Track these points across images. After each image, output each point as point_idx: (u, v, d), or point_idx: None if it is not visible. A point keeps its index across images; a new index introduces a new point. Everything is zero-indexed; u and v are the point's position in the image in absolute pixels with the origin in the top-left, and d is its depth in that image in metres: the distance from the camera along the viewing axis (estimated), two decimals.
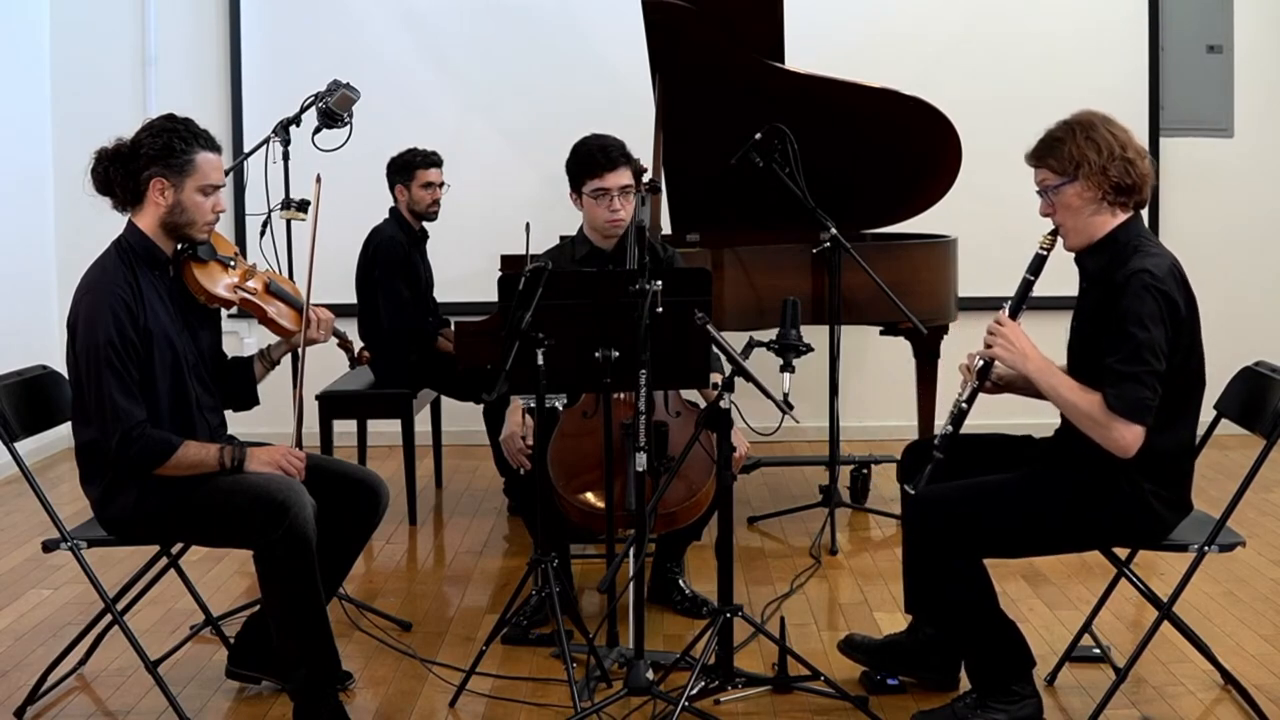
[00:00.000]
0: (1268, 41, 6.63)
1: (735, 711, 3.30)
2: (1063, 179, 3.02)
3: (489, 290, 3.84)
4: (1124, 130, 3.03)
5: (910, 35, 6.50)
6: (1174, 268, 2.99)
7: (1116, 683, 3.18)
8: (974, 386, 3.18)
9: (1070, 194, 3.03)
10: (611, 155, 3.93)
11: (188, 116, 3.19)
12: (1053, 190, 3.05)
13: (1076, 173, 3.00)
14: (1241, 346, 4.24)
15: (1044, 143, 3.06)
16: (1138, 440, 2.90)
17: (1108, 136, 2.99)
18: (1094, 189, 3.00)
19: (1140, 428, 2.89)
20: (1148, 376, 2.88)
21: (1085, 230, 3.06)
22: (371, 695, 3.44)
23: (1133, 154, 3.00)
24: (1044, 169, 3.06)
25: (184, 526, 3.18)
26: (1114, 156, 2.97)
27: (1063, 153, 3.01)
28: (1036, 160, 3.08)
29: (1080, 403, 2.95)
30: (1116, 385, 2.89)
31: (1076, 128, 3.02)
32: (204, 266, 3.27)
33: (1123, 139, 3.01)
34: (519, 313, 3.18)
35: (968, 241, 5.31)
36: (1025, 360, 3.04)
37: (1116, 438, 2.90)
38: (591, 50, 6.50)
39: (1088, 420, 2.94)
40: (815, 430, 5.94)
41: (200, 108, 4.82)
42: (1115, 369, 2.90)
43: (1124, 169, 2.98)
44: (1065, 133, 3.03)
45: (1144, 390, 2.87)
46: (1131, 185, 2.99)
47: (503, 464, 4.75)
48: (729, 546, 3.29)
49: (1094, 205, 3.02)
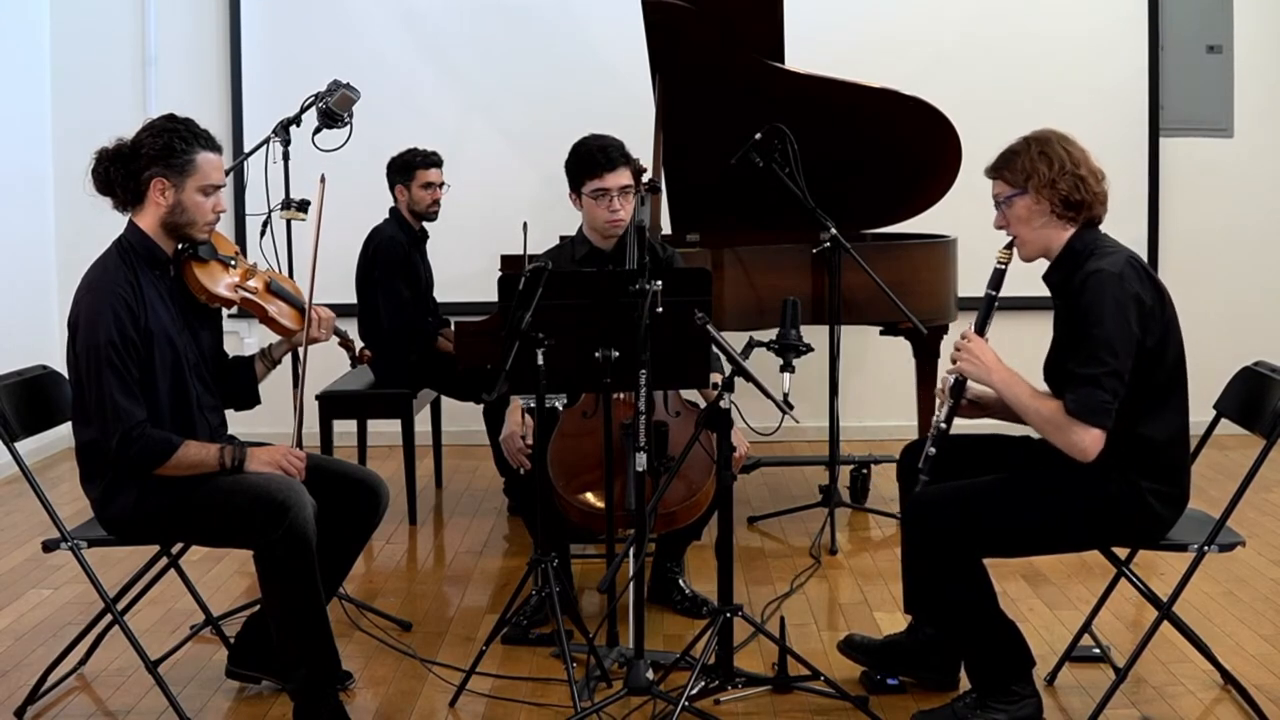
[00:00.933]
0: (1268, 41, 6.63)
1: (735, 711, 3.30)
2: (1014, 190, 3.10)
3: (489, 290, 3.85)
4: (1082, 150, 3.09)
5: (910, 35, 6.50)
6: (1131, 261, 3.01)
7: (1116, 683, 3.18)
8: (949, 405, 3.22)
9: (1020, 206, 3.09)
10: (611, 155, 3.93)
11: (188, 117, 3.19)
12: (1005, 201, 3.12)
13: (1027, 185, 3.06)
14: (1241, 346, 4.26)
15: (1001, 156, 3.15)
16: (1097, 444, 2.92)
17: (1061, 152, 3.06)
18: (1043, 201, 3.06)
19: (1099, 431, 2.91)
20: (1106, 379, 2.90)
21: (1037, 242, 3.11)
22: (371, 695, 3.44)
23: (1085, 172, 3.05)
24: (999, 180, 3.14)
25: (184, 526, 3.18)
26: (1064, 171, 3.03)
27: (1016, 165, 3.09)
28: (994, 172, 3.16)
29: (1041, 409, 2.98)
30: (1075, 389, 2.93)
31: (1032, 142, 3.10)
32: (205, 266, 3.27)
33: (1077, 157, 3.07)
34: (519, 313, 3.18)
35: (968, 241, 5.31)
36: (989, 373, 3.08)
37: (1075, 440, 2.92)
38: (591, 51, 6.50)
39: (1048, 425, 2.97)
40: (815, 430, 5.94)
41: (200, 108, 4.81)
42: (1073, 373, 2.95)
43: (1074, 184, 3.03)
44: (1021, 146, 3.11)
45: (1102, 394, 2.90)
46: (1080, 201, 3.04)
47: (503, 464, 4.75)
48: (729, 546, 3.30)
49: (1043, 218, 3.07)
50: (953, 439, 3.26)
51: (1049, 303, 3.16)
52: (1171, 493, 3.05)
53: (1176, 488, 3.06)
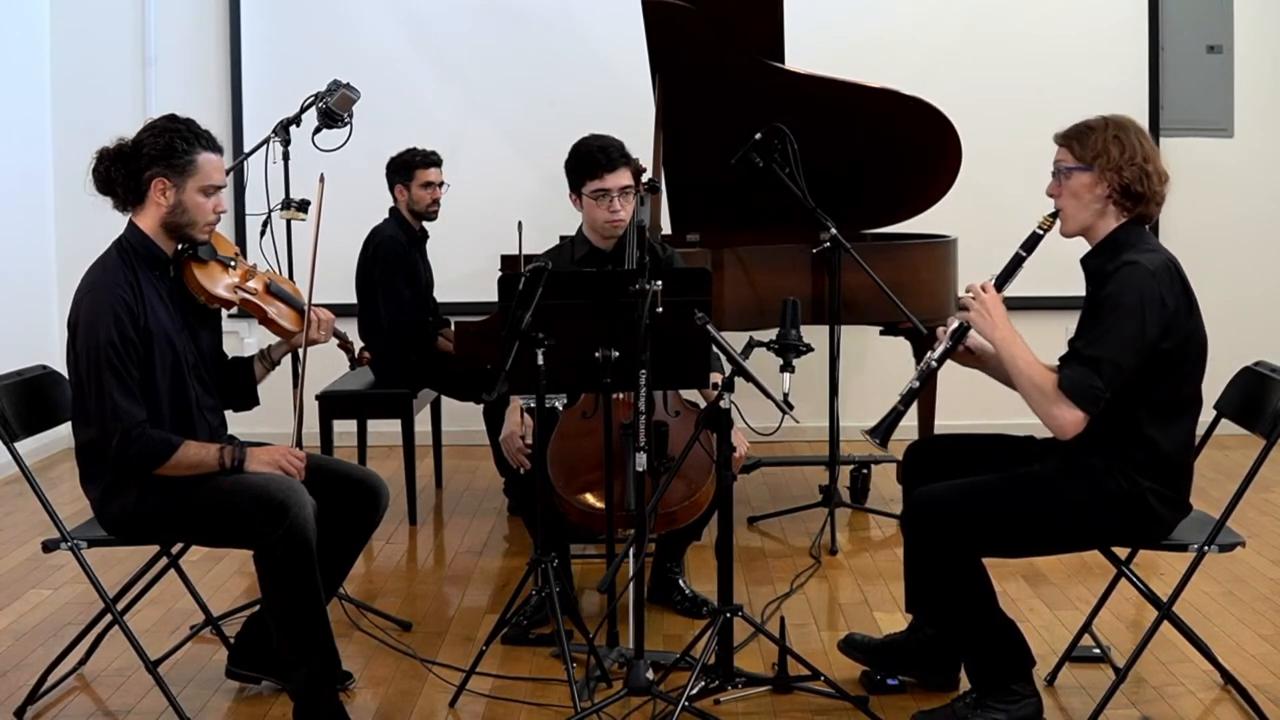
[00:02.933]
0: (1268, 41, 6.63)
1: (735, 711, 3.30)
2: (1078, 165, 3.06)
3: (489, 290, 3.84)
4: (1154, 148, 3.07)
5: (910, 35, 6.51)
6: (1170, 264, 3.00)
7: (1116, 683, 3.18)
8: (946, 346, 3.20)
9: (1080, 181, 3.06)
10: (611, 156, 3.93)
11: (189, 117, 3.19)
12: (1065, 172, 3.09)
13: (1094, 163, 3.03)
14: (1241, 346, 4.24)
15: (1075, 127, 3.11)
16: (1076, 426, 2.91)
17: (1135, 142, 3.03)
18: (1104, 184, 3.03)
19: (1082, 414, 2.90)
20: (1106, 365, 2.89)
21: (1083, 221, 3.08)
22: (371, 695, 3.44)
23: (1153, 169, 3.03)
24: (1066, 149, 3.10)
25: (184, 526, 3.18)
26: (1133, 161, 3.01)
27: (1088, 140, 3.05)
28: (1063, 139, 3.12)
29: (1034, 375, 2.97)
30: (1072, 367, 2.92)
31: (1110, 124, 3.06)
32: (204, 267, 3.27)
33: (1149, 152, 3.04)
34: (519, 313, 3.18)
35: (968, 241, 5.31)
36: (994, 328, 3.06)
37: (1057, 414, 2.91)
38: (591, 51, 6.50)
39: (1036, 392, 2.95)
40: (815, 430, 5.94)
41: (200, 108, 4.81)
42: (1077, 350, 2.94)
43: (1139, 175, 3.01)
44: (1098, 124, 3.07)
45: (1097, 379, 2.89)
46: (1140, 194, 3.02)
47: (503, 464, 4.74)
48: (729, 546, 3.29)
49: (1098, 202, 3.05)
50: (951, 439, 3.26)
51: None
52: (1173, 496, 3.05)
53: (1178, 492, 3.06)
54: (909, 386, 3.21)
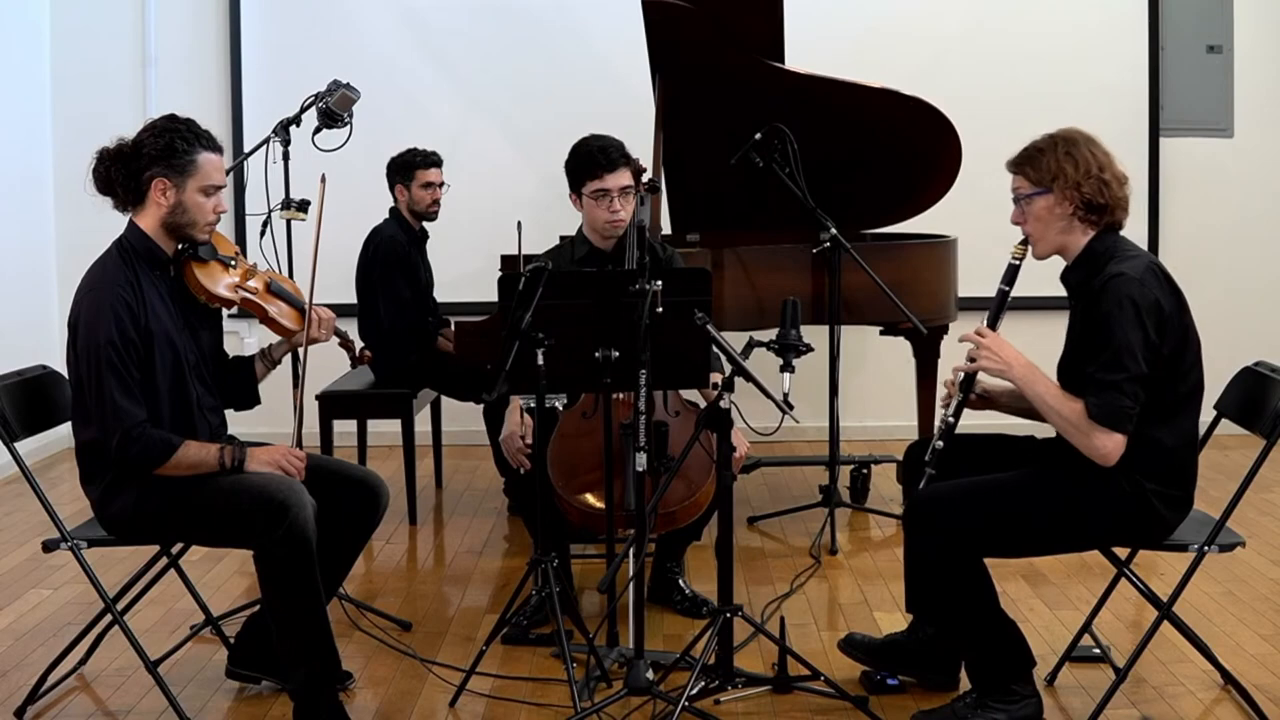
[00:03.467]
0: (1268, 41, 6.63)
1: (735, 711, 3.30)
2: (1036, 189, 3.07)
3: (489, 290, 3.84)
4: (1106, 154, 3.07)
5: (910, 35, 6.51)
6: (1152, 266, 3.00)
7: (1116, 683, 3.18)
8: (958, 400, 3.22)
9: (1041, 205, 3.07)
10: (611, 156, 3.93)
11: (189, 117, 3.19)
12: (1025, 199, 3.10)
13: (1051, 185, 3.04)
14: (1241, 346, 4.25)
15: (1025, 152, 3.11)
16: (1119, 449, 2.92)
17: (1088, 155, 3.03)
18: (1066, 203, 3.04)
19: (1121, 436, 2.91)
20: (1127, 384, 2.90)
21: (1053, 241, 3.10)
22: (371, 695, 3.44)
23: (1109, 176, 3.03)
24: (1020, 177, 3.12)
25: (184, 526, 3.18)
26: (1090, 174, 3.01)
27: (1041, 163, 3.06)
28: (1015, 167, 3.13)
29: (1063, 410, 2.98)
30: (1097, 394, 2.92)
31: (1059, 141, 3.07)
32: (205, 266, 3.27)
33: (1102, 160, 3.05)
34: (519, 313, 3.18)
35: (968, 241, 5.31)
36: (1009, 369, 3.06)
37: (1098, 446, 2.93)
38: (591, 50, 6.50)
39: (1070, 428, 2.97)
40: (815, 430, 5.94)
41: (200, 108, 4.81)
42: (1095, 378, 2.94)
43: (1098, 188, 3.01)
44: (1047, 144, 3.08)
45: (1124, 399, 2.90)
46: (1103, 205, 3.03)
47: (503, 464, 4.75)
48: (729, 546, 3.29)
49: (1064, 221, 3.06)
50: (956, 438, 3.26)
51: (1059, 302, 3.15)
52: (1176, 495, 3.05)
53: (1181, 491, 3.06)
54: (933, 448, 3.22)
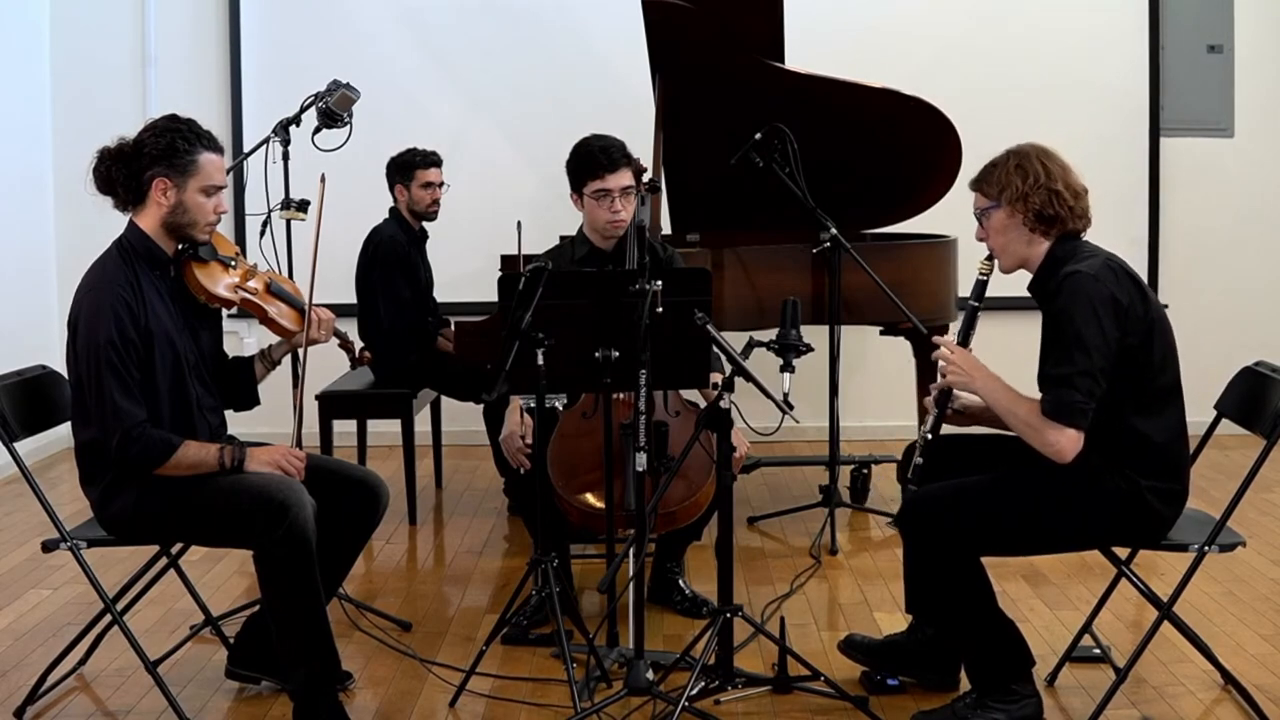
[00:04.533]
0: (1268, 41, 6.63)
1: (735, 711, 3.30)
2: (990, 203, 3.12)
3: (489, 290, 3.84)
4: (1062, 166, 3.10)
5: (910, 35, 6.51)
6: (1110, 263, 3.02)
7: (1116, 683, 3.18)
8: (935, 415, 3.23)
9: (997, 219, 3.12)
10: (612, 156, 3.93)
11: (190, 117, 3.19)
12: (983, 214, 3.15)
13: (1000, 197, 3.09)
14: (1241, 346, 4.25)
15: (983, 169, 3.18)
16: (1074, 445, 2.92)
17: (1038, 166, 3.07)
18: (1016, 214, 3.07)
19: (1073, 431, 2.92)
20: (1079, 378, 2.90)
21: (1014, 254, 3.13)
22: (371, 695, 3.44)
23: (1061, 186, 3.06)
24: (978, 193, 3.18)
25: (184, 526, 3.18)
26: (1038, 186, 3.04)
27: (993, 177, 3.12)
28: (974, 184, 3.20)
29: (1019, 410, 3.00)
30: (1048, 390, 2.95)
31: (1011, 156, 3.12)
32: (205, 266, 3.27)
33: (1054, 172, 3.07)
34: (519, 313, 3.18)
35: (968, 241, 5.29)
36: (973, 380, 3.10)
37: (1050, 441, 2.93)
38: (591, 50, 6.50)
39: (1025, 427, 2.98)
40: (815, 430, 5.94)
41: (200, 108, 4.80)
42: (1046, 374, 2.97)
43: (1047, 198, 3.04)
44: (1000, 160, 3.14)
45: (1074, 393, 2.91)
46: (1054, 215, 3.05)
47: (503, 464, 4.75)
48: (729, 546, 3.29)
49: (1018, 231, 3.10)
50: (949, 439, 3.27)
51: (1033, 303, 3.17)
52: (1171, 490, 3.05)
53: (1176, 484, 3.06)
54: (914, 465, 3.23)
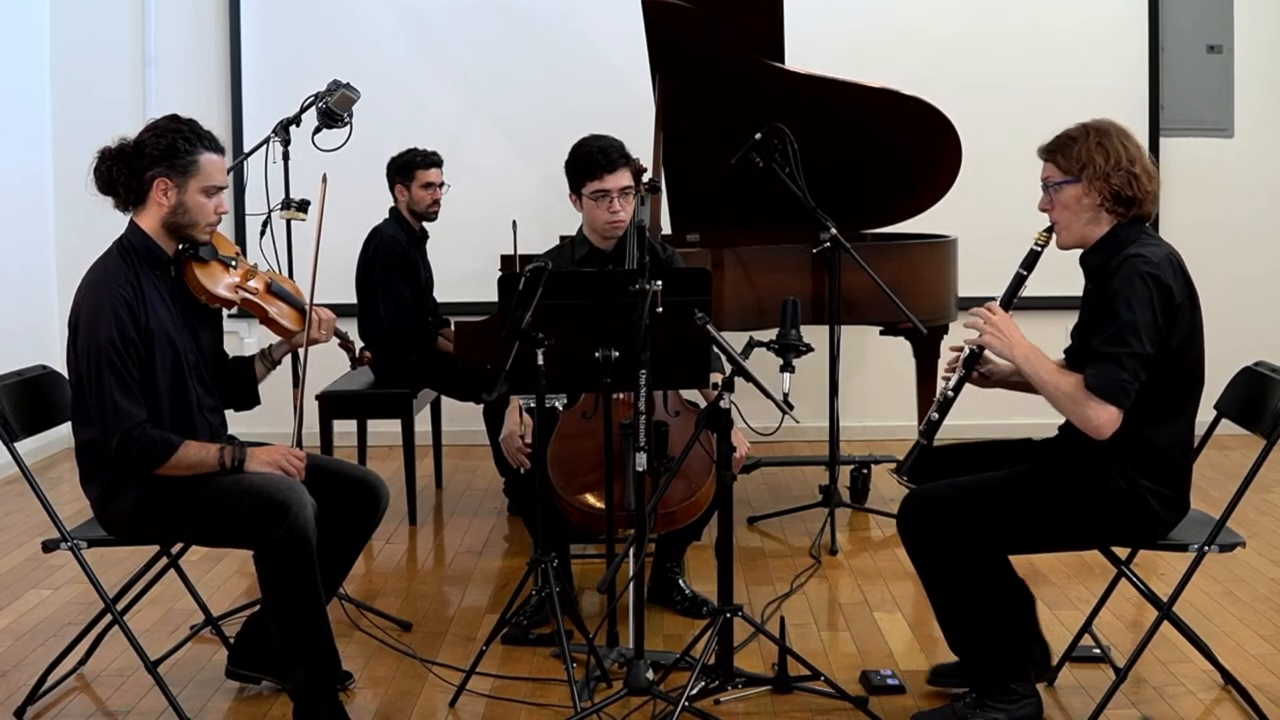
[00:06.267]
0: (1268, 41, 6.63)
1: (735, 711, 3.30)
2: (1066, 178, 3.06)
3: (489, 290, 3.85)
4: (1138, 146, 3.06)
5: (910, 35, 6.51)
6: (1171, 256, 3.00)
7: (1116, 683, 3.18)
8: (960, 375, 3.20)
9: (1070, 194, 3.06)
10: (611, 157, 3.92)
11: (191, 118, 3.19)
12: (1054, 187, 3.09)
13: (1081, 174, 3.03)
14: (1241, 346, 4.25)
15: (1057, 139, 3.10)
16: (1113, 422, 2.90)
17: (1119, 146, 3.02)
18: (1094, 194, 3.02)
19: (1115, 409, 2.90)
20: (1128, 359, 2.89)
21: (1079, 231, 3.09)
22: (371, 695, 3.44)
23: (1139, 170, 3.02)
24: (1051, 164, 3.10)
25: (184, 526, 3.18)
26: (1119, 166, 3.00)
27: (1072, 152, 3.05)
28: (1047, 154, 3.12)
29: (1061, 383, 2.97)
30: (1096, 365, 2.92)
31: (1091, 131, 3.06)
32: (205, 266, 3.27)
33: (1134, 153, 3.04)
34: (519, 313, 3.18)
35: (968, 241, 5.31)
36: (1012, 347, 3.06)
37: (1091, 416, 2.91)
38: (591, 50, 6.50)
39: (1065, 399, 2.95)
40: (815, 430, 5.94)
41: (200, 108, 4.81)
42: (1097, 350, 2.93)
43: (1127, 180, 3.00)
44: (1079, 134, 3.07)
45: (1122, 372, 2.89)
46: (1131, 198, 3.02)
47: (503, 464, 4.75)
48: (729, 546, 3.29)
49: (1091, 211, 3.05)
50: (946, 447, 3.26)
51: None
52: (1171, 496, 3.04)
53: (1177, 492, 3.06)
54: (928, 419, 3.20)
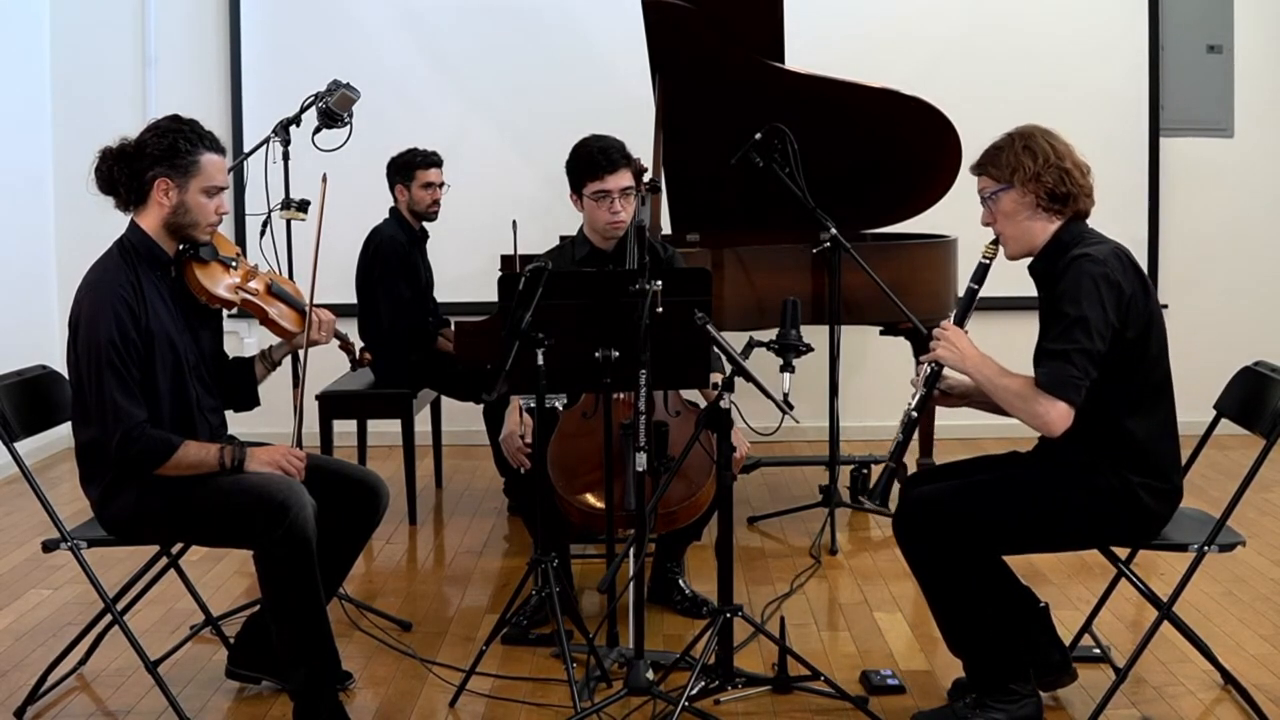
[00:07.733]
0: (1268, 41, 6.63)
1: (735, 711, 3.30)
2: (1000, 185, 3.10)
3: (489, 290, 3.85)
4: (1065, 144, 3.10)
5: (910, 35, 6.51)
6: (1117, 250, 3.02)
7: (1116, 683, 3.18)
8: (922, 394, 3.22)
9: (1007, 201, 3.09)
10: (612, 157, 3.92)
11: (192, 118, 3.19)
12: (991, 197, 3.13)
13: (1012, 179, 3.07)
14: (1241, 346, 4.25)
15: (985, 152, 3.15)
16: (1064, 418, 2.91)
17: (1045, 146, 3.06)
18: (1029, 195, 3.06)
19: (1065, 405, 2.91)
20: (1077, 355, 2.90)
21: (1024, 238, 3.11)
22: (371, 695, 3.44)
23: (1070, 165, 3.06)
24: (984, 177, 3.15)
25: (184, 526, 3.18)
26: (1049, 164, 3.04)
27: (1001, 160, 3.09)
28: (978, 169, 3.17)
29: (1010, 384, 2.99)
30: (1046, 363, 2.94)
31: (1016, 137, 3.10)
32: (205, 267, 3.27)
33: (1061, 150, 3.07)
34: (519, 313, 3.18)
35: (968, 241, 5.30)
36: (964, 359, 3.08)
37: (1041, 412, 2.92)
38: (591, 50, 6.51)
39: (1015, 399, 2.97)
40: (815, 430, 5.94)
41: (200, 108, 4.80)
42: (1046, 348, 2.96)
43: (1059, 176, 3.04)
44: (1005, 142, 3.12)
45: (1071, 368, 2.90)
46: (1066, 194, 3.05)
47: (503, 464, 4.75)
48: (729, 546, 3.30)
49: (1029, 211, 3.08)
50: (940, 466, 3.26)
51: (1027, 302, 3.16)
52: (1162, 488, 3.04)
53: (1167, 483, 3.06)
54: (895, 441, 3.22)
